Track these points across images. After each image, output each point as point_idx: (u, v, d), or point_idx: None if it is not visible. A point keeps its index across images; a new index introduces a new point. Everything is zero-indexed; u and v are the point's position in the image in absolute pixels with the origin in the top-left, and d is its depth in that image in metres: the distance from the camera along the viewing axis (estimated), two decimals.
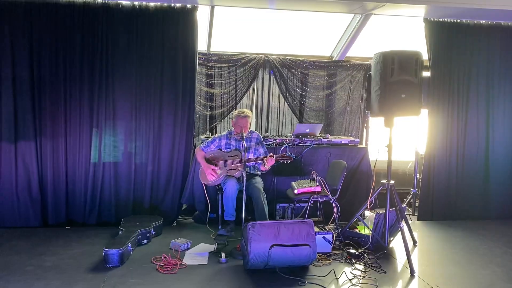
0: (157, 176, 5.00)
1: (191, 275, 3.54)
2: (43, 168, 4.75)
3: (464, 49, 5.44)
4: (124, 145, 4.91)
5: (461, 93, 5.48)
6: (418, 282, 3.53)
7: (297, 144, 5.22)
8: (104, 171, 4.87)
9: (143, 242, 4.27)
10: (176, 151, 4.98)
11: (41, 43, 4.64)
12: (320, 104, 6.22)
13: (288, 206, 5.02)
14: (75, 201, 4.83)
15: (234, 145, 4.61)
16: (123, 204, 4.93)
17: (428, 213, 5.49)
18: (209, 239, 4.41)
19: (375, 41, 5.92)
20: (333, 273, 3.60)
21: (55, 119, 4.73)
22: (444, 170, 5.48)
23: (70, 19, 4.68)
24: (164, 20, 4.87)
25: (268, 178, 5.04)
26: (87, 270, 3.58)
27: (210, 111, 5.81)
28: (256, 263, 3.53)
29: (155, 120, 4.94)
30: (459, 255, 4.18)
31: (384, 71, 3.83)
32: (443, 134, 5.46)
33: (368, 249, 4.12)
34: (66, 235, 4.47)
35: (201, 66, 5.66)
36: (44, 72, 4.67)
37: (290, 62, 6.01)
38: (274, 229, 3.59)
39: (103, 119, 4.82)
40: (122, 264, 3.70)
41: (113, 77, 4.80)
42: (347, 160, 5.15)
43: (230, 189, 4.26)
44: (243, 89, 5.88)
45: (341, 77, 6.26)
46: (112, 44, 4.78)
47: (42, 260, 3.75)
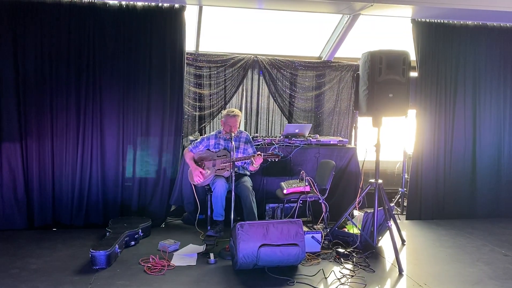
0: (145, 177, 4.95)
1: (179, 276, 3.51)
2: (28, 169, 4.69)
3: (451, 49, 5.50)
4: (111, 146, 4.86)
5: (448, 92, 5.53)
6: (407, 281, 3.54)
7: (286, 144, 5.21)
8: (91, 172, 4.81)
9: (131, 243, 4.23)
10: (164, 151, 4.95)
11: (26, 43, 4.58)
12: (309, 105, 6.23)
13: (278, 207, 5.02)
14: (62, 203, 4.77)
15: (223, 144, 4.59)
16: (111, 205, 4.88)
17: (416, 212, 5.52)
18: (198, 240, 4.39)
19: (364, 41, 5.94)
20: (322, 273, 3.60)
21: (41, 120, 4.68)
22: (432, 170, 5.52)
23: (56, 19, 4.63)
24: (151, 20, 4.84)
25: (257, 178, 5.03)
26: (74, 272, 3.53)
27: (199, 112, 5.78)
28: (245, 263, 3.51)
29: (143, 121, 4.90)
30: (446, 254, 4.21)
31: (372, 70, 3.85)
32: (430, 134, 5.51)
33: (356, 248, 4.12)
34: (53, 237, 4.41)
35: (189, 66, 5.63)
36: (29, 73, 4.61)
37: (279, 63, 6.01)
38: (263, 229, 3.57)
39: (90, 119, 4.77)
40: (109, 265, 3.66)
41: (100, 77, 4.76)
42: (336, 160, 5.17)
43: (219, 189, 4.24)
44: (232, 89, 5.86)
45: (330, 78, 6.28)
46: (99, 44, 4.74)
47: (27, 263, 3.69)
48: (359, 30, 5.61)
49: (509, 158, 5.69)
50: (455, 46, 5.51)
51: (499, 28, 5.62)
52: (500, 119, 5.68)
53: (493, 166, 5.66)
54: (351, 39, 5.77)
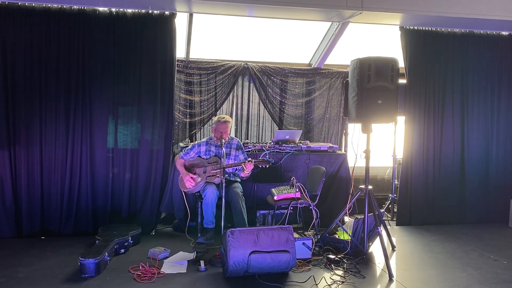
0: (135, 184, 4.94)
1: (170, 284, 3.49)
2: (17, 177, 4.64)
3: (439, 57, 5.57)
4: (101, 153, 4.83)
5: (436, 99, 5.59)
6: (396, 286, 3.56)
7: (277, 151, 5.23)
8: (81, 179, 4.78)
9: (121, 251, 4.20)
10: (154, 158, 4.93)
11: (15, 49, 4.56)
12: (299, 111, 6.25)
13: (268, 213, 5.01)
14: (51, 210, 4.73)
15: (214, 151, 4.59)
16: (101, 213, 4.85)
17: (406, 218, 5.55)
18: (188, 248, 4.37)
19: (354, 49, 5.99)
20: (313, 279, 3.60)
21: (30, 127, 4.64)
22: (421, 176, 5.56)
23: (46, 26, 4.61)
24: (142, 27, 4.84)
25: (248, 185, 5.03)
26: (62, 280, 3.50)
27: (189, 118, 5.77)
28: (236, 271, 3.50)
29: (133, 128, 4.89)
30: (436, 259, 4.23)
31: (361, 77, 3.88)
32: (419, 140, 5.56)
33: (347, 254, 4.14)
34: (41, 246, 4.36)
35: (180, 73, 5.64)
36: (18, 79, 4.58)
37: (269, 70, 6.03)
38: (254, 236, 3.57)
39: (79, 127, 4.74)
40: (98, 274, 3.62)
41: (89, 84, 4.74)
42: (326, 166, 5.19)
43: (209, 196, 4.23)
44: (223, 96, 5.86)
45: (320, 85, 6.31)
46: (88, 51, 4.73)
47: (15, 272, 3.64)
48: (349, 37, 5.67)
49: (497, 163, 5.76)
50: (443, 54, 5.58)
51: (486, 36, 5.71)
52: (488, 125, 5.75)
53: (481, 171, 5.72)
54: (342, 47, 5.83)
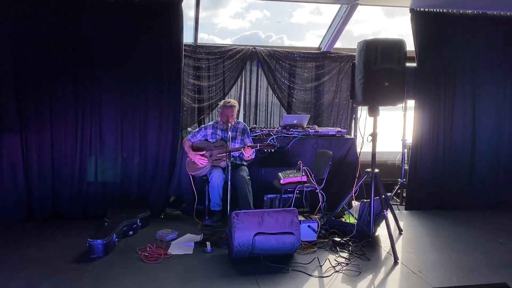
0: (144, 168, 4.99)
1: (176, 265, 3.55)
2: (28, 161, 4.73)
3: (450, 39, 5.46)
4: (110, 137, 4.89)
5: (447, 82, 5.51)
6: (401, 268, 3.55)
7: (284, 135, 5.22)
8: (90, 164, 4.85)
9: (129, 233, 4.27)
10: (162, 143, 4.97)
11: (24, 35, 4.61)
12: (308, 96, 6.23)
13: (276, 197, 5.02)
14: (61, 194, 4.82)
15: (220, 135, 4.62)
16: (110, 196, 4.92)
17: (415, 203, 5.52)
18: (196, 230, 4.42)
19: (364, 32, 5.93)
20: (317, 261, 3.62)
21: (40, 112, 4.71)
22: (431, 160, 5.51)
23: (54, 13, 4.64)
24: (149, 12, 4.84)
25: (255, 169, 5.05)
26: (71, 261, 3.58)
27: (197, 104, 5.80)
28: (241, 252, 3.53)
29: (141, 112, 4.93)
30: (443, 243, 4.21)
31: (367, 59, 3.83)
32: (429, 124, 5.49)
33: (353, 237, 4.14)
34: (52, 227, 4.45)
35: (188, 58, 5.65)
36: (27, 67, 4.64)
37: (278, 54, 6.00)
38: (258, 218, 3.59)
39: (88, 111, 4.81)
40: (107, 254, 3.70)
41: (97, 69, 4.78)
42: (334, 151, 5.18)
43: (215, 179, 4.27)
44: (231, 81, 5.87)
45: (329, 69, 6.27)
46: (96, 36, 4.76)
47: (26, 252, 3.74)
48: (360, 20, 5.61)
49: (509, 148, 5.67)
50: (455, 36, 5.47)
51: (499, 17, 5.58)
52: (500, 109, 5.65)
53: (492, 156, 5.64)
54: (352, 30, 5.77)
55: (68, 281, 3.17)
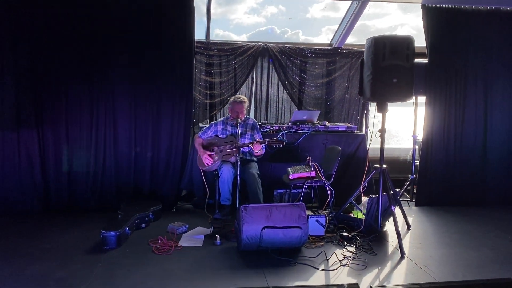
0: (156, 162, 5.10)
1: (186, 256, 3.64)
2: (45, 155, 4.87)
3: (462, 35, 5.43)
4: (124, 132, 5.00)
5: (459, 79, 5.48)
6: (407, 263, 3.59)
7: (294, 131, 5.28)
8: (105, 157, 4.98)
9: (142, 226, 4.38)
10: (174, 138, 5.07)
11: (41, 32, 4.73)
12: (319, 92, 6.27)
13: (285, 192, 5.08)
14: (77, 187, 4.95)
15: (230, 130, 4.69)
16: (124, 189, 5.05)
17: (426, 199, 5.52)
18: (206, 223, 4.50)
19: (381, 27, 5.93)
20: (324, 255, 3.68)
21: (56, 107, 4.85)
22: (442, 156, 5.50)
23: (69, 10, 4.76)
24: (161, 9, 4.93)
25: (265, 164, 5.12)
26: (85, 251, 3.70)
27: (209, 100, 5.89)
28: (249, 244, 3.61)
29: (154, 108, 5.03)
30: (451, 239, 4.23)
31: (376, 56, 3.86)
32: (440, 120, 5.48)
33: (361, 232, 4.18)
34: (67, 219, 4.59)
35: (200, 55, 5.74)
36: (44, 64, 4.77)
37: (289, 50, 6.06)
38: (266, 212, 3.67)
39: (102, 107, 4.93)
40: (119, 246, 3.82)
41: (111, 65, 4.89)
42: (344, 147, 5.22)
43: (225, 174, 4.36)
44: (242, 77, 5.95)
45: (340, 65, 6.30)
46: (109, 33, 4.85)
47: (42, 243, 3.87)
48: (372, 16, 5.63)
49: None
50: (467, 32, 5.44)
51: None
52: None
53: (504, 152, 5.60)
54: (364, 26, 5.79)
55: (82, 271, 3.29)
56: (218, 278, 3.22)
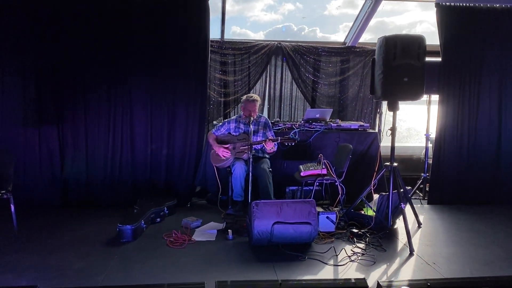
0: (171, 159, 5.23)
1: (198, 250, 3.76)
2: (65, 151, 5.05)
3: (476, 34, 5.41)
4: (140, 129, 5.14)
5: (473, 77, 5.46)
6: (416, 259, 3.64)
7: (307, 129, 5.34)
8: (122, 154, 5.13)
9: (157, 220, 4.52)
10: (189, 135, 5.19)
11: (62, 34, 4.90)
12: (332, 90, 6.31)
13: (297, 189, 5.16)
14: (95, 182, 5.11)
15: (243, 128, 4.79)
16: (140, 185, 5.19)
17: (438, 197, 5.53)
18: (219, 219, 4.61)
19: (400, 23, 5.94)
20: (333, 250, 3.75)
21: (75, 106, 5.01)
22: (455, 155, 5.50)
23: (84, 9, 4.91)
24: (176, 8, 5.03)
25: (278, 162, 5.21)
26: (102, 244, 3.85)
27: (224, 98, 5.99)
28: (260, 239, 3.71)
29: (169, 105, 5.15)
30: (462, 237, 4.25)
31: (387, 55, 3.91)
32: (453, 119, 5.47)
33: (371, 229, 4.23)
34: (85, 213, 4.76)
35: (215, 54, 5.85)
36: (64, 62, 4.93)
37: (302, 49, 6.11)
38: (277, 208, 3.75)
39: (120, 105, 5.07)
40: (135, 239, 3.96)
41: (127, 65, 5.03)
42: (356, 145, 5.28)
43: (238, 171, 4.46)
44: (256, 76, 6.03)
45: (354, 63, 6.33)
46: (124, 32, 4.98)
47: (60, 236, 4.04)
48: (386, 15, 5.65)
49: None
50: (481, 30, 5.42)
51: None
52: None
53: None
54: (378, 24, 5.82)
55: (98, 263, 3.44)
56: (229, 271, 3.33)
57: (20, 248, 3.71)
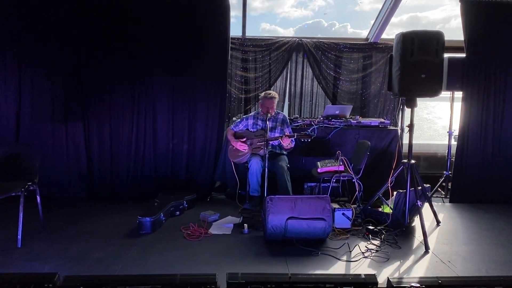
0: (192, 154, 5.35)
1: (214, 243, 3.85)
2: (90, 146, 5.24)
3: (502, 29, 5.27)
4: (162, 126, 5.28)
5: (498, 74, 5.33)
6: (431, 257, 3.61)
7: (326, 126, 5.34)
8: (145, 149, 5.29)
9: (176, 213, 4.64)
10: (209, 131, 5.30)
11: (84, 32, 5.08)
12: (354, 87, 6.29)
13: (316, 186, 5.18)
14: (119, 176, 5.29)
15: (261, 125, 4.85)
16: (161, 179, 5.33)
17: (460, 195, 5.44)
18: (237, 213, 4.69)
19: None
20: (347, 246, 3.77)
21: (100, 103, 5.20)
22: (478, 153, 5.39)
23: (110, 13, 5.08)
24: (197, 6, 5.14)
25: (296, 158, 5.24)
26: (123, 235, 4.00)
27: (244, 94, 6.07)
28: (274, 234, 3.77)
29: (190, 101, 5.27)
30: (481, 236, 4.18)
31: (404, 51, 3.88)
32: (477, 116, 5.36)
33: (387, 226, 4.22)
34: (108, 206, 4.94)
35: (236, 51, 5.92)
36: (89, 63, 5.12)
37: (323, 45, 6.12)
38: (291, 203, 3.80)
39: (143, 102, 5.22)
40: (154, 231, 4.09)
41: (150, 63, 5.16)
42: (377, 142, 5.25)
43: (254, 166, 4.53)
44: (277, 72, 6.08)
45: (376, 59, 6.29)
46: (147, 29, 5.11)
47: (83, 227, 4.21)
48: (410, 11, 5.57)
49: None
50: (507, 26, 5.27)
51: None
52: None
53: None
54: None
55: (117, 252, 3.58)
56: (241, 263, 3.40)
57: (46, 238, 3.89)
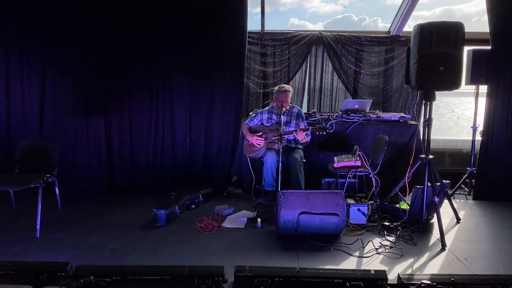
0: (209, 149, 5.39)
1: (226, 236, 3.87)
2: (111, 140, 5.35)
3: None
4: (180, 121, 5.34)
5: None
6: (446, 255, 3.51)
7: (344, 120, 5.27)
8: (163, 144, 5.36)
9: (192, 206, 4.69)
10: (226, 126, 5.32)
11: (106, 31, 5.17)
12: (375, 81, 6.18)
13: (333, 181, 5.12)
14: (138, 170, 5.39)
15: (275, 119, 4.83)
16: (179, 173, 5.40)
17: (484, 192, 5.27)
18: (252, 208, 4.70)
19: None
20: (361, 242, 3.71)
21: (121, 98, 5.30)
22: (503, 149, 5.19)
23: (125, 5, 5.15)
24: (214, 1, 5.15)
25: (314, 153, 5.21)
26: (138, 227, 4.07)
27: (263, 89, 6.06)
28: (286, 228, 3.75)
29: (207, 96, 5.30)
30: (502, 234, 4.04)
31: (421, 43, 3.77)
32: (503, 112, 5.17)
33: (404, 223, 4.13)
34: (127, 199, 5.03)
35: (255, 45, 5.92)
36: (111, 59, 5.21)
37: (344, 39, 6.03)
38: (304, 198, 3.77)
39: (161, 98, 5.29)
40: (168, 223, 4.15)
41: (167, 59, 5.21)
42: (396, 137, 5.15)
43: (269, 161, 4.51)
44: (296, 66, 6.04)
45: (398, 53, 6.16)
46: (165, 25, 5.15)
47: (101, 218, 4.32)
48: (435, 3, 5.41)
49: None
50: None
51: None
52: None
53: None
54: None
55: (132, 243, 3.65)
56: (251, 257, 3.41)
57: (64, 228, 4.01)
